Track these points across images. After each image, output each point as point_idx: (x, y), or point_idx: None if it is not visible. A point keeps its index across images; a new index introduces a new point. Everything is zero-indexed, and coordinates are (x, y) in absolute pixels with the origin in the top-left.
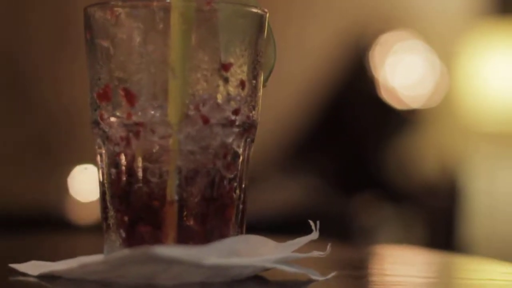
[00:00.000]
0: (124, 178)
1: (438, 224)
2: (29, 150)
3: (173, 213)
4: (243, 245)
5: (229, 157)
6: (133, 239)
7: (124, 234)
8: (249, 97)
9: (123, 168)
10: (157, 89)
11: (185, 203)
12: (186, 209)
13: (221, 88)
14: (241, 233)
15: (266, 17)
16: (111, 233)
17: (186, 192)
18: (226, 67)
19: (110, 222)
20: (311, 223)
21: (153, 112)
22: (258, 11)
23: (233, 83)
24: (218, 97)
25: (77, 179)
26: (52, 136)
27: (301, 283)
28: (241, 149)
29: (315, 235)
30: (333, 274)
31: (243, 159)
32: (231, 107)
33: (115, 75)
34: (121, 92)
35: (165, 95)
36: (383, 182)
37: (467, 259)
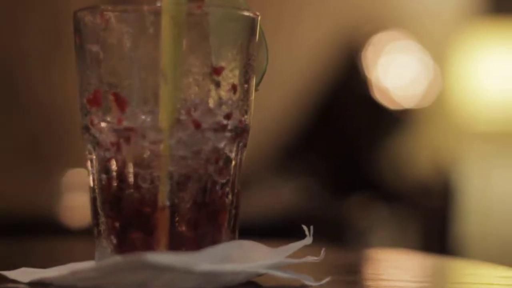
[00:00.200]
0: (115, 183)
1: (432, 224)
2: (21, 153)
3: (164, 219)
4: (236, 251)
5: (221, 162)
6: (125, 246)
7: (115, 240)
8: (241, 101)
9: (114, 173)
10: (148, 94)
11: (177, 209)
12: (178, 215)
13: (212, 92)
14: (233, 238)
15: (257, 20)
16: (102, 239)
17: (177, 197)
18: (217, 71)
19: (101, 228)
20: (305, 228)
21: (144, 117)
22: (249, 15)
23: (224, 87)
24: (209, 101)
25: (70, 183)
26: (45, 139)
27: None
28: (233, 154)
29: (309, 240)
30: (327, 279)
31: (236, 163)
32: (223, 112)
33: (105, 80)
34: (111, 97)
35: (156, 100)
36: (376, 182)
37: (463, 263)
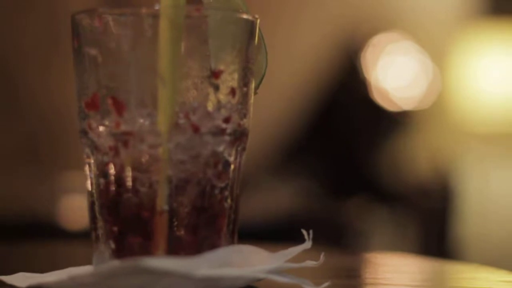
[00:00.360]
0: (113, 188)
1: (431, 225)
2: (19, 156)
3: (163, 224)
4: (235, 255)
5: (220, 166)
6: (123, 250)
7: (113, 245)
8: (240, 104)
9: (112, 178)
10: (146, 98)
11: (176, 213)
12: (176, 219)
13: (211, 96)
14: (232, 243)
15: (257, 23)
16: (100, 244)
17: (176, 202)
18: (216, 75)
19: (99, 232)
20: (304, 232)
21: (142, 121)
22: (248, 17)
23: (223, 90)
24: (208, 105)
25: (69, 185)
26: (43, 142)
27: None
28: (232, 158)
29: (308, 245)
30: (327, 284)
31: (235, 167)
32: (221, 115)
33: (103, 84)
34: (109, 101)
35: (154, 104)
36: (375, 184)
37: (461, 266)
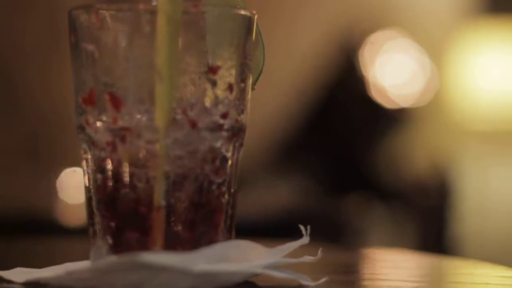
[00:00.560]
0: (110, 183)
1: (429, 223)
2: (17, 152)
3: (160, 219)
4: (233, 250)
5: (217, 162)
6: (120, 246)
7: (111, 240)
8: (237, 100)
9: (109, 173)
10: (144, 93)
11: (173, 208)
12: (174, 215)
13: (209, 91)
14: (230, 238)
15: (254, 19)
16: (97, 239)
17: (173, 197)
18: (213, 70)
19: (96, 228)
20: (302, 227)
21: (140, 116)
22: (246, 13)
23: (221, 86)
24: (206, 100)
25: (66, 182)
26: (41, 138)
27: None
28: (229, 154)
29: (305, 240)
30: (324, 279)
31: (232, 163)
32: (219, 111)
33: (101, 80)
34: (106, 96)
35: (151, 99)
36: (373, 181)
37: (460, 262)
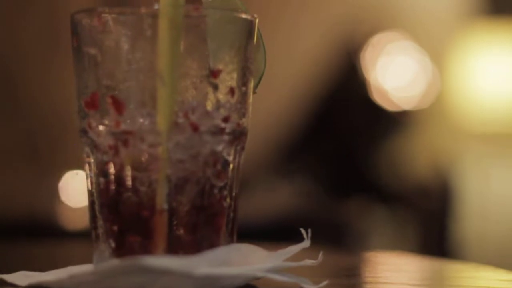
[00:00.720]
0: (113, 187)
1: (431, 225)
2: (19, 155)
3: (162, 223)
4: (234, 254)
5: (219, 165)
6: (123, 249)
7: (113, 244)
8: (239, 104)
9: (112, 177)
10: (146, 97)
11: (175, 212)
12: (176, 218)
13: (210, 95)
14: (231, 242)
15: (255, 23)
16: (100, 243)
17: (175, 201)
18: (215, 74)
19: (99, 231)
20: (303, 231)
21: (142, 120)
22: (247, 17)
23: (222, 90)
24: (207, 104)
25: (68, 185)
26: (42, 141)
27: None
28: (231, 157)
29: (306, 243)
30: (325, 282)
31: (234, 167)
32: (220, 115)
33: (103, 83)
34: (109, 100)
35: (153, 103)
36: (375, 184)
37: (461, 266)
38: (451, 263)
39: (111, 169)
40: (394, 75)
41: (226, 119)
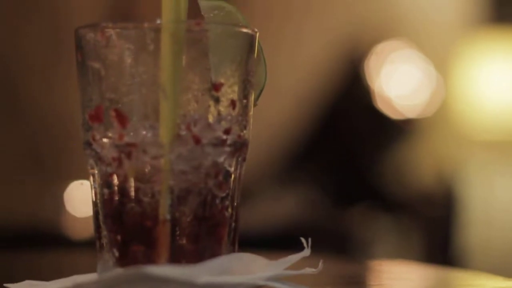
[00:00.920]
0: (116, 198)
1: (435, 233)
2: (24, 165)
3: (165, 233)
4: (235, 263)
5: (220, 176)
6: (126, 259)
7: (117, 253)
8: (240, 116)
9: (116, 188)
10: (149, 110)
11: (178, 222)
12: (178, 229)
13: (212, 108)
14: (233, 251)
15: (256, 37)
16: (104, 252)
17: (178, 211)
18: (216, 87)
19: (103, 241)
20: (303, 240)
21: (145, 132)
22: (248, 31)
23: (224, 103)
24: (209, 117)
25: (73, 195)
26: (47, 151)
27: None
28: (232, 168)
29: (307, 252)
30: None
31: (235, 178)
32: (222, 127)
33: (107, 96)
34: (112, 113)
35: (156, 116)
36: (379, 192)
37: (465, 274)
38: (455, 272)
39: (115, 181)
40: (398, 83)
41: (227, 131)
